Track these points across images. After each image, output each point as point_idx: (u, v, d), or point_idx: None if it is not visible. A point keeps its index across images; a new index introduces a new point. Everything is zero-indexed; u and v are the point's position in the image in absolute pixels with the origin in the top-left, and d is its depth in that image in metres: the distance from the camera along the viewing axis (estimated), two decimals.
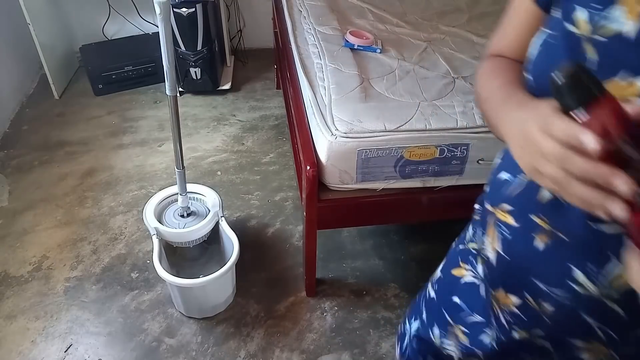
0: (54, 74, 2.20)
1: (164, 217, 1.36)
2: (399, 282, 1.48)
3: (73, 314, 1.39)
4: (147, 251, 1.56)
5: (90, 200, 1.74)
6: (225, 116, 2.18)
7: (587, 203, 0.33)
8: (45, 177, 1.84)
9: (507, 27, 0.57)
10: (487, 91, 0.52)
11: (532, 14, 0.51)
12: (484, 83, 0.54)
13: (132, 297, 1.43)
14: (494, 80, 0.52)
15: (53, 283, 1.47)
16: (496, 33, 0.59)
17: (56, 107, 2.21)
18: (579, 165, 0.32)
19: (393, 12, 1.75)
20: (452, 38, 1.59)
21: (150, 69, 2.30)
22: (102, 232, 1.63)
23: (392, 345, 1.33)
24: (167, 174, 1.85)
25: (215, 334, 1.35)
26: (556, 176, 0.34)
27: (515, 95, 0.46)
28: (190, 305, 1.36)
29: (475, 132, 1.18)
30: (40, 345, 1.31)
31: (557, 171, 0.34)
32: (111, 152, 1.97)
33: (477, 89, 0.55)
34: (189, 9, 1.99)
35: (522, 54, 0.52)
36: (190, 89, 2.28)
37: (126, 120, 2.14)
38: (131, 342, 1.32)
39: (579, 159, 0.32)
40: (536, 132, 0.35)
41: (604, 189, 0.32)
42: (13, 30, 2.13)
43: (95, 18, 2.43)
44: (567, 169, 0.33)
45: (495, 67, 0.55)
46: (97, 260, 1.54)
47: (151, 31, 2.46)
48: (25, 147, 1.98)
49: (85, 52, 2.29)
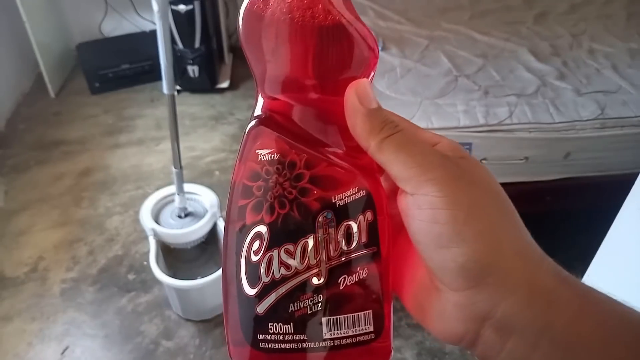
0: (50, 72, 2.17)
1: (161, 217, 1.34)
2: None
3: (69, 316, 1.37)
4: (144, 252, 1.54)
5: (86, 201, 1.72)
6: (223, 115, 2.16)
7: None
8: (41, 177, 1.82)
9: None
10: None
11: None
12: None
13: (129, 298, 1.41)
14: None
15: (49, 284, 1.45)
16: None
17: (52, 106, 2.18)
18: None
19: (394, 9, 1.72)
20: (454, 36, 1.57)
21: (147, 67, 2.27)
22: (99, 232, 1.61)
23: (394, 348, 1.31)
24: (165, 174, 1.83)
25: (214, 337, 1.33)
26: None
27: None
28: (187, 307, 1.35)
29: (478, 132, 1.16)
30: (36, 348, 1.29)
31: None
32: (108, 152, 1.94)
33: None
34: (187, 6, 1.97)
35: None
36: (188, 87, 2.25)
37: (123, 119, 2.12)
38: (128, 345, 1.30)
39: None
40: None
41: None
42: (9, 28, 2.10)
43: (92, 16, 2.41)
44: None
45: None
46: (93, 261, 1.52)
47: (148, 29, 2.43)
48: (21, 146, 1.96)
49: (82, 50, 2.26)
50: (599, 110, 1.26)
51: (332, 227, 0.24)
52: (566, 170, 1.29)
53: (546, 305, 0.21)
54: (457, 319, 0.22)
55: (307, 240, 0.24)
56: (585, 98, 1.31)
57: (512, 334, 0.21)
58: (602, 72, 1.42)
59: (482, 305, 0.22)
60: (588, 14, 1.78)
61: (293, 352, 0.25)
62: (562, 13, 1.79)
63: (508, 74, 1.41)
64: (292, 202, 0.24)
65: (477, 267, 0.21)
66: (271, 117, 0.26)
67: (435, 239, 0.22)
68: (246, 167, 0.25)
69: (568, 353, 0.21)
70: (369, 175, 0.25)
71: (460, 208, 0.22)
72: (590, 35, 1.63)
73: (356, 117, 0.24)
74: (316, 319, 0.24)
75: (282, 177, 0.25)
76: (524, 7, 1.81)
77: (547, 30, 1.67)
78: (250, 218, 0.25)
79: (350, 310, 0.24)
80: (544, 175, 1.26)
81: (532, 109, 1.26)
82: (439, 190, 0.22)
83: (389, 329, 0.26)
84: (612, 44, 1.58)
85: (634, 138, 1.25)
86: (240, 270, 0.25)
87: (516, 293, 0.21)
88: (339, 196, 0.24)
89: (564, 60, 1.48)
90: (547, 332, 0.21)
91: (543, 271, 0.22)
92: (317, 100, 0.25)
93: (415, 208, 0.23)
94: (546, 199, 1.32)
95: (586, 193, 1.32)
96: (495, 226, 0.22)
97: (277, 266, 0.24)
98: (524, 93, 1.33)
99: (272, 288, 0.24)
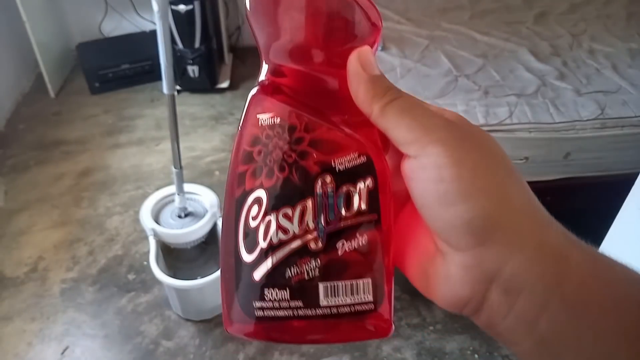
0: (50, 72, 2.17)
1: (161, 217, 1.34)
2: (400, 283, 1.45)
3: (69, 316, 1.36)
4: (144, 252, 1.53)
5: (86, 201, 1.72)
6: (223, 115, 2.16)
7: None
8: (41, 177, 1.82)
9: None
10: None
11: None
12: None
13: (129, 299, 1.41)
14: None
15: (49, 284, 1.45)
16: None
17: (52, 106, 2.18)
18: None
19: (394, 9, 1.72)
20: (454, 36, 1.57)
21: (147, 67, 2.27)
22: (99, 232, 1.61)
23: (394, 348, 1.31)
24: (164, 174, 1.83)
25: (214, 337, 1.33)
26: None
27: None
28: (187, 308, 1.34)
29: None
30: (36, 348, 1.29)
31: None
32: (107, 152, 1.94)
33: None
34: (187, 6, 1.97)
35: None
36: (188, 87, 2.25)
37: (123, 119, 2.12)
38: (128, 345, 1.30)
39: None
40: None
41: None
42: (9, 28, 2.10)
43: (92, 15, 2.41)
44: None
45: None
46: (93, 261, 1.52)
47: (148, 29, 2.43)
48: (21, 146, 1.96)
49: (82, 50, 2.26)
50: (599, 110, 1.26)
51: (331, 191, 0.24)
52: (566, 170, 1.28)
53: (556, 262, 0.21)
54: (463, 282, 0.22)
55: (306, 204, 0.24)
56: (585, 98, 1.31)
57: (520, 294, 0.21)
58: (602, 72, 1.42)
59: (489, 264, 0.21)
60: (588, 14, 1.78)
61: (289, 319, 0.24)
62: (562, 13, 1.79)
63: (508, 74, 1.41)
64: (292, 165, 0.24)
65: (484, 223, 0.21)
66: (273, 83, 0.26)
67: (441, 198, 0.21)
68: (247, 133, 0.25)
69: (578, 314, 0.20)
70: (371, 142, 0.25)
71: (466, 166, 0.21)
72: (590, 35, 1.63)
73: (359, 83, 0.24)
74: (313, 284, 0.24)
75: (282, 141, 0.24)
76: (524, 7, 1.81)
77: (547, 30, 1.67)
78: (249, 183, 0.25)
79: (348, 277, 0.24)
80: (544, 175, 1.26)
81: (532, 109, 1.26)
82: (444, 150, 0.21)
83: (390, 302, 0.25)
84: (612, 44, 1.58)
85: (634, 138, 1.25)
86: (239, 237, 0.25)
87: (525, 250, 0.21)
88: (338, 160, 0.24)
89: (564, 60, 1.48)
90: (557, 290, 0.20)
91: (552, 231, 0.22)
92: (320, 70, 0.25)
93: (420, 169, 0.22)
94: (546, 199, 1.30)
95: (586, 193, 1.31)
96: (502, 184, 0.22)
97: (274, 231, 0.24)
98: (524, 93, 1.32)
99: (269, 253, 0.24)
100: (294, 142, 0.24)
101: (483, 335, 1.31)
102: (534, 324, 0.20)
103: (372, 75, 0.24)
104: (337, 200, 0.24)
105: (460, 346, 1.30)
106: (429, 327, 1.34)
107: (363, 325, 0.24)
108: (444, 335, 1.32)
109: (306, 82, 0.26)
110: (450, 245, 0.22)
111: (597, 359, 0.20)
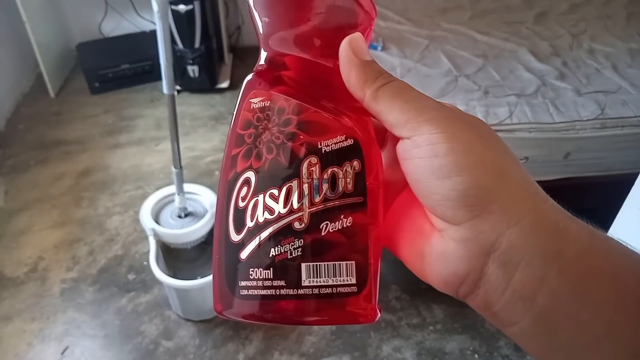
0: (50, 72, 2.17)
1: (161, 217, 1.34)
2: (400, 283, 1.46)
3: (69, 316, 1.36)
4: (143, 252, 1.53)
5: (86, 201, 1.72)
6: (223, 115, 2.16)
7: None
8: (41, 177, 1.82)
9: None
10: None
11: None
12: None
13: (129, 299, 1.41)
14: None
15: (49, 284, 1.44)
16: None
17: (52, 106, 2.18)
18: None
19: (394, 8, 1.72)
20: (454, 35, 1.57)
21: (147, 67, 2.27)
22: (99, 232, 1.61)
23: (394, 348, 1.31)
24: (164, 174, 1.83)
25: (214, 337, 1.33)
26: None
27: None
28: (187, 308, 1.34)
29: None
30: (36, 348, 1.29)
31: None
32: (107, 152, 1.94)
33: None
34: (187, 6, 1.97)
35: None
36: (188, 87, 2.25)
37: (123, 119, 2.12)
38: (128, 345, 1.30)
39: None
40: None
41: None
42: (9, 28, 2.10)
43: (92, 15, 2.41)
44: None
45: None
46: (93, 261, 1.52)
47: (148, 29, 2.43)
48: (21, 146, 1.96)
49: (82, 50, 2.26)
50: (599, 110, 1.26)
51: (317, 172, 0.24)
52: (566, 170, 1.28)
53: (555, 234, 0.20)
54: (459, 257, 0.21)
55: (291, 185, 0.24)
56: (585, 98, 1.31)
57: (518, 266, 0.20)
58: (602, 72, 1.42)
59: (486, 236, 0.20)
60: (588, 14, 1.78)
61: (272, 299, 0.24)
62: (562, 13, 1.79)
63: (508, 74, 1.41)
64: (279, 147, 0.24)
65: (480, 193, 0.20)
66: (268, 70, 0.26)
67: (436, 172, 0.21)
68: (240, 117, 0.26)
69: (577, 286, 0.20)
70: (360, 126, 0.25)
71: (460, 141, 0.21)
72: (590, 35, 1.63)
73: (351, 67, 0.24)
74: (296, 264, 0.24)
75: (271, 123, 0.25)
76: (524, 7, 1.81)
77: (547, 30, 1.67)
78: (240, 165, 0.25)
79: (331, 258, 0.24)
80: (544, 175, 1.26)
81: (532, 109, 1.26)
82: (437, 128, 0.21)
83: (375, 287, 0.25)
84: (612, 44, 1.58)
85: (634, 138, 1.25)
86: (229, 217, 0.25)
87: (522, 221, 0.20)
88: (325, 142, 0.24)
89: (564, 60, 1.48)
90: (555, 262, 0.20)
91: (549, 205, 0.22)
92: (315, 57, 0.26)
93: (414, 148, 0.22)
94: None
95: (586, 193, 1.31)
96: (497, 158, 0.22)
97: (261, 211, 0.24)
98: (524, 93, 1.32)
99: (256, 232, 0.24)
100: (282, 124, 0.25)
101: (483, 335, 1.31)
102: (532, 298, 0.20)
103: (363, 61, 0.24)
104: (322, 181, 0.24)
105: (460, 346, 1.30)
106: (429, 327, 1.34)
107: (346, 309, 0.24)
108: (444, 335, 1.32)
109: (301, 69, 0.26)
110: (446, 219, 0.22)
111: (596, 332, 0.19)
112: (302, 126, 0.24)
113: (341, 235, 0.24)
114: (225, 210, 0.25)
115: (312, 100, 0.25)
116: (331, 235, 0.24)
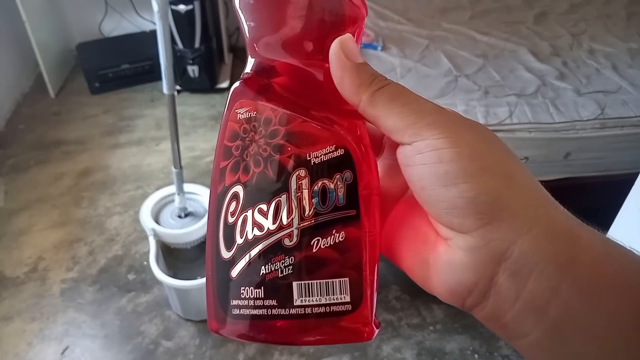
0: (50, 72, 2.17)
1: (161, 217, 1.34)
2: (400, 283, 1.46)
3: (69, 316, 1.36)
4: (144, 252, 1.53)
5: (86, 201, 1.72)
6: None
7: None
8: (41, 177, 1.82)
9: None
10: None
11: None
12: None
13: (129, 299, 1.41)
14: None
15: (49, 284, 1.44)
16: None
17: (52, 106, 2.18)
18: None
19: (394, 8, 1.72)
20: (455, 35, 1.57)
21: (147, 67, 2.27)
22: (99, 232, 1.61)
23: (394, 348, 1.31)
24: (164, 174, 1.83)
25: (214, 337, 1.33)
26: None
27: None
28: (188, 308, 1.34)
29: None
30: (36, 348, 1.29)
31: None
32: (107, 152, 1.94)
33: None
34: (187, 6, 1.97)
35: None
36: (188, 87, 2.25)
37: (123, 119, 2.12)
38: (128, 345, 1.30)
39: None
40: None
41: None
42: (9, 28, 2.10)
43: (92, 16, 2.41)
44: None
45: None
46: (93, 261, 1.52)
47: (148, 29, 2.43)
48: (21, 146, 1.96)
49: (82, 50, 2.26)
50: (599, 110, 1.26)
51: (306, 185, 0.23)
52: (566, 170, 1.28)
53: (568, 242, 0.19)
54: (467, 267, 0.20)
55: (280, 199, 0.23)
56: (585, 98, 1.31)
57: (530, 276, 0.19)
58: (602, 72, 1.42)
59: (497, 244, 0.19)
60: (588, 14, 1.78)
61: (264, 318, 0.23)
62: (562, 13, 1.79)
63: (508, 74, 1.41)
64: (267, 160, 0.23)
65: (489, 200, 0.19)
66: (254, 77, 0.25)
67: (442, 178, 0.20)
68: (227, 128, 0.25)
69: (591, 297, 0.19)
70: (351, 135, 0.23)
71: (464, 146, 0.20)
72: (590, 35, 1.63)
73: (344, 71, 0.23)
74: (287, 283, 0.23)
75: (257, 135, 0.24)
76: (524, 7, 1.81)
77: (547, 30, 1.67)
78: (229, 179, 0.24)
79: (324, 275, 0.23)
80: (544, 175, 1.26)
81: (532, 109, 1.26)
82: (439, 132, 0.20)
83: (372, 303, 0.24)
84: (612, 44, 1.58)
85: (634, 138, 1.25)
86: (219, 233, 0.24)
87: (535, 228, 0.19)
88: (314, 153, 0.23)
89: (564, 60, 1.48)
90: (569, 271, 0.19)
91: (560, 211, 0.21)
92: (304, 62, 0.25)
93: (416, 154, 0.21)
94: None
95: (586, 193, 1.31)
96: (504, 162, 0.21)
97: (250, 227, 0.23)
98: (524, 93, 1.32)
99: (245, 250, 0.23)
100: (269, 136, 0.23)
101: (483, 335, 1.31)
102: (544, 310, 0.19)
103: (356, 64, 0.23)
104: (312, 195, 0.23)
105: (460, 346, 1.30)
106: (429, 327, 1.34)
107: (341, 327, 0.23)
108: (444, 335, 1.32)
109: (291, 75, 0.25)
110: (453, 228, 0.21)
111: (609, 345, 0.19)
112: (289, 137, 0.23)
113: (333, 251, 0.23)
114: (215, 225, 0.24)
115: (300, 108, 0.24)
116: (323, 252, 0.23)
